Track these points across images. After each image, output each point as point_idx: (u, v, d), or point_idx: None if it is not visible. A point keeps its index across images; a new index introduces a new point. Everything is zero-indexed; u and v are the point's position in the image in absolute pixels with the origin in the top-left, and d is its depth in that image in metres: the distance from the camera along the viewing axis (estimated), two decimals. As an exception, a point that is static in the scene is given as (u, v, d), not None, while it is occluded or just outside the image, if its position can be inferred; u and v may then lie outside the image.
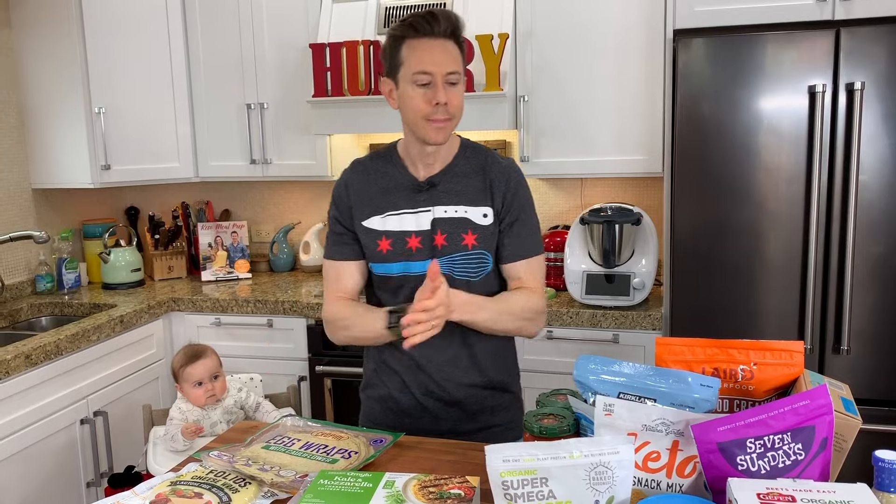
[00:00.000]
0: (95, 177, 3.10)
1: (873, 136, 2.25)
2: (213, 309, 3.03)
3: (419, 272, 1.65)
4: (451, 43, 1.60)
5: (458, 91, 1.61)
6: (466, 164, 1.70)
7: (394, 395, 1.74)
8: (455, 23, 1.60)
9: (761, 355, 1.23)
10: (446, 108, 1.58)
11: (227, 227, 3.49)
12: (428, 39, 1.58)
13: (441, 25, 1.58)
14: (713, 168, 2.39)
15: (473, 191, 1.68)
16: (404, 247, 1.66)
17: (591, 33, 2.78)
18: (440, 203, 1.67)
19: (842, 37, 2.23)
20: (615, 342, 2.63)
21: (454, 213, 1.67)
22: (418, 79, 1.57)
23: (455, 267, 1.66)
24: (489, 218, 1.67)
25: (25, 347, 2.39)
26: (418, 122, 1.60)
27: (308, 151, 3.18)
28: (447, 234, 1.65)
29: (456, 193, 1.68)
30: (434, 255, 1.65)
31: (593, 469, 1.03)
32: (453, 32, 1.60)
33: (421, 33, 1.57)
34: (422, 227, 1.66)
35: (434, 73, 1.56)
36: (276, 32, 3.14)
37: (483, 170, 1.70)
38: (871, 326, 2.33)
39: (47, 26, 3.05)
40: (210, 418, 2.23)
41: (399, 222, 1.68)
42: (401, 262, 1.67)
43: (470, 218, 1.66)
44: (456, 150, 1.72)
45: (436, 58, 1.57)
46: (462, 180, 1.69)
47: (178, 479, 1.33)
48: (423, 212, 1.67)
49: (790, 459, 1.04)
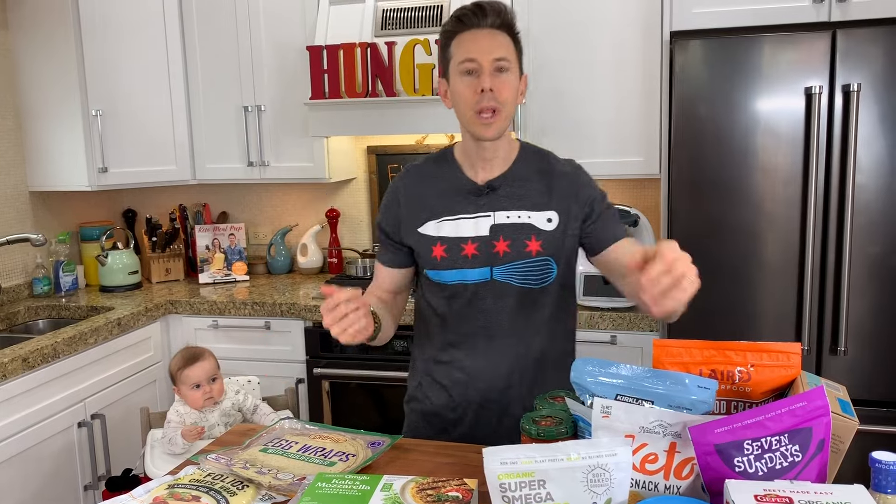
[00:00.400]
0: (92, 179, 3.10)
1: (870, 138, 2.25)
2: (211, 311, 3.03)
3: (475, 280, 1.60)
4: (501, 33, 1.54)
5: (508, 80, 1.52)
6: (528, 167, 1.63)
7: (440, 411, 1.69)
8: (504, 14, 1.54)
9: (758, 357, 1.22)
10: (493, 95, 1.50)
11: (225, 230, 3.48)
12: (475, 30, 1.52)
13: (489, 17, 1.52)
14: (710, 169, 2.40)
15: (536, 195, 1.60)
16: (459, 254, 1.60)
17: (589, 34, 2.79)
18: (501, 208, 1.60)
19: (838, 38, 2.24)
20: (613, 343, 2.63)
21: (517, 218, 1.59)
22: (464, 67, 1.52)
23: (516, 275, 1.60)
24: (553, 223, 1.59)
25: (22, 350, 2.38)
26: (468, 116, 1.54)
27: (305, 154, 3.18)
28: (510, 240, 1.58)
29: (518, 198, 1.60)
30: (494, 262, 1.59)
31: (591, 471, 1.03)
32: (502, 25, 1.54)
33: (468, 25, 1.53)
34: (480, 232, 1.60)
35: (479, 59, 1.50)
36: (274, 35, 3.14)
37: (545, 173, 1.63)
38: (868, 327, 2.33)
39: (44, 28, 3.05)
40: (207, 421, 2.23)
41: (455, 228, 1.61)
42: (455, 269, 1.61)
43: (534, 223, 1.59)
44: (516, 153, 1.65)
45: (481, 45, 1.51)
46: (524, 184, 1.61)
47: (175, 483, 1.33)
48: (483, 217, 1.60)
49: (787, 461, 1.04)
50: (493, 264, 1.59)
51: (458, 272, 1.61)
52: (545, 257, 1.59)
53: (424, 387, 1.73)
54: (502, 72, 1.51)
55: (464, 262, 1.60)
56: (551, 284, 1.62)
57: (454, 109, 1.59)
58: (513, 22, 1.56)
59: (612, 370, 1.22)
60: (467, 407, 1.67)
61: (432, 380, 1.71)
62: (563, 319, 1.70)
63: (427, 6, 2.91)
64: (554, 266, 1.61)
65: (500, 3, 1.55)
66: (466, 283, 1.61)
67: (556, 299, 1.64)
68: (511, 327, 1.62)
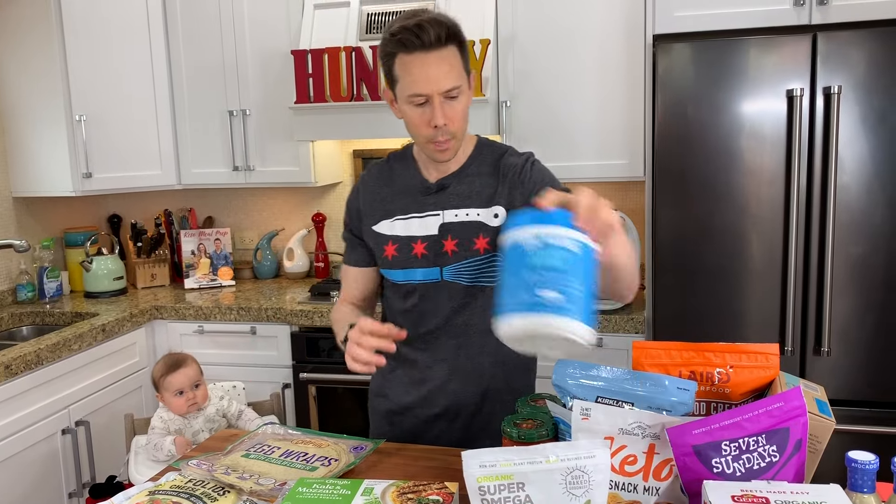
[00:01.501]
0: (77, 185, 3.08)
1: (851, 139, 2.27)
2: (196, 317, 3.02)
3: (424, 280, 1.59)
4: (447, 49, 1.45)
5: (459, 105, 1.48)
6: (481, 164, 1.61)
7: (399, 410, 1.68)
8: (447, 28, 1.45)
9: (737, 358, 1.23)
10: (446, 129, 1.47)
11: (211, 235, 3.47)
12: (419, 54, 1.43)
13: (431, 35, 1.42)
14: (694, 172, 2.41)
15: (485, 190, 1.58)
16: (409, 253, 1.59)
17: (573, 39, 2.80)
18: (451, 206, 1.58)
19: (819, 41, 2.25)
20: (598, 346, 2.64)
21: (465, 216, 1.57)
22: (415, 100, 1.46)
23: (466, 274, 1.58)
24: (500, 218, 1.56)
25: (5, 357, 2.37)
26: (421, 142, 1.53)
27: (291, 158, 3.18)
28: (458, 239, 1.56)
29: (467, 196, 1.58)
30: (443, 262, 1.57)
31: (570, 473, 1.03)
32: (447, 38, 1.44)
33: (410, 49, 1.43)
34: (429, 231, 1.58)
35: (429, 93, 1.44)
36: (259, 39, 3.14)
37: (496, 167, 1.59)
38: (851, 328, 2.35)
39: (28, 33, 3.03)
40: (192, 427, 2.22)
41: (406, 227, 1.60)
42: (405, 269, 1.60)
43: (482, 220, 1.56)
44: (471, 149, 1.63)
45: (430, 75, 1.43)
46: (475, 180, 1.59)
47: (156, 489, 1.32)
48: (432, 216, 1.59)
49: (765, 461, 1.04)
50: (442, 264, 1.58)
51: (407, 272, 1.60)
52: (494, 254, 1.56)
53: (386, 385, 1.72)
54: (454, 98, 1.47)
55: (413, 262, 1.59)
56: None
57: (406, 126, 1.55)
58: (457, 30, 1.47)
59: (592, 372, 1.22)
60: (424, 407, 1.66)
61: (393, 378, 1.70)
62: None
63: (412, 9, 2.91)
64: None
65: (439, 15, 1.47)
66: (415, 283, 1.60)
67: None
68: (466, 327, 1.60)
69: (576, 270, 1.03)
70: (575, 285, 1.01)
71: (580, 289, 1.01)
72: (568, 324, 1.00)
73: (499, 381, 1.65)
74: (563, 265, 1.02)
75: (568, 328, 1.00)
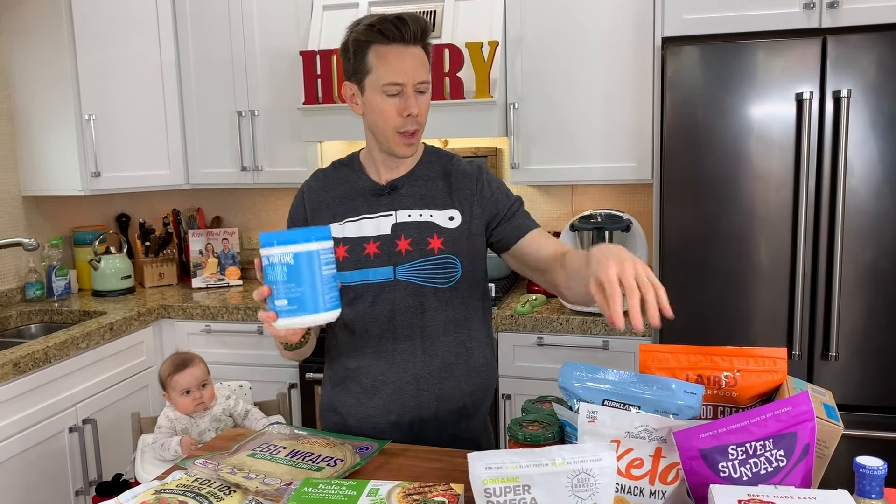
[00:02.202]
0: (86, 184, 3.09)
1: (860, 143, 2.26)
2: (204, 316, 3.03)
3: (378, 279, 1.59)
4: (420, 49, 1.53)
5: (426, 100, 1.56)
6: (431, 168, 1.65)
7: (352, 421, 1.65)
8: (424, 27, 1.53)
9: (745, 362, 1.23)
10: (416, 118, 1.53)
11: (218, 234, 3.48)
12: (398, 46, 1.51)
13: (411, 30, 1.50)
14: (702, 174, 2.40)
15: (438, 194, 1.61)
16: (361, 253, 1.59)
17: (581, 41, 2.80)
18: (403, 207, 1.60)
19: (829, 45, 2.25)
20: (605, 349, 2.63)
21: (419, 216, 1.59)
22: (389, 89, 1.51)
23: (420, 274, 1.58)
24: (456, 221, 1.60)
25: (14, 355, 2.38)
26: (388, 134, 1.55)
27: (299, 158, 3.18)
28: (412, 238, 1.58)
29: (420, 197, 1.61)
30: (397, 261, 1.58)
31: (575, 476, 1.03)
32: (422, 37, 1.53)
33: (390, 39, 1.50)
34: (381, 231, 1.59)
35: (405, 83, 1.50)
36: (267, 40, 3.14)
37: (447, 173, 1.64)
38: (859, 332, 2.34)
39: (38, 33, 3.05)
40: (198, 426, 2.23)
41: (357, 228, 1.60)
42: (358, 269, 1.59)
43: (436, 221, 1.59)
44: (420, 154, 1.67)
45: (406, 66, 1.50)
46: (426, 183, 1.62)
47: (162, 487, 1.32)
48: (384, 216, 1.60)
49: (772, 466, 1.04)
50: (395, 263, 1.58)
51: (360, 272, 1.59)
52: (447, 254, 1.58)
53: (337, 399, 1.68)
54: (423, 94, 1.54)
55: (366, 262, 1.58)
56: (458, 283, 1.60)
57: (365, 118, 1.58)
58: (429, 36, 1.56)
59: (599, 375, 1.22)
60: (380, 416, 1.63)
61: (344, 390, 1.67)
62: (473, 321, 1.65)
63: (420, 12, 2.92)
64: (458, 264, 1.59)
65: (418, 14, 1.55)
66: (369, 283, 1.59)
67: (464, 300, 1.62)
68: (417, 328, 1.59)
69: (295, 276, 1.28)
70: (296, 289, 1.28)
71: (300, 290, 1.28)
72: (302, 319, 1.28)
73: (455, 383, 1.63)
74: (283, 276, 1.28)
75: (302, 322, 1.29)
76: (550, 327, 2.67)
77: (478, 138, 3.18)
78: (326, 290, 1.30)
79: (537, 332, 2.69)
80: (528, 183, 2.97)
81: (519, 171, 2.92)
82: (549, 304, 2.86)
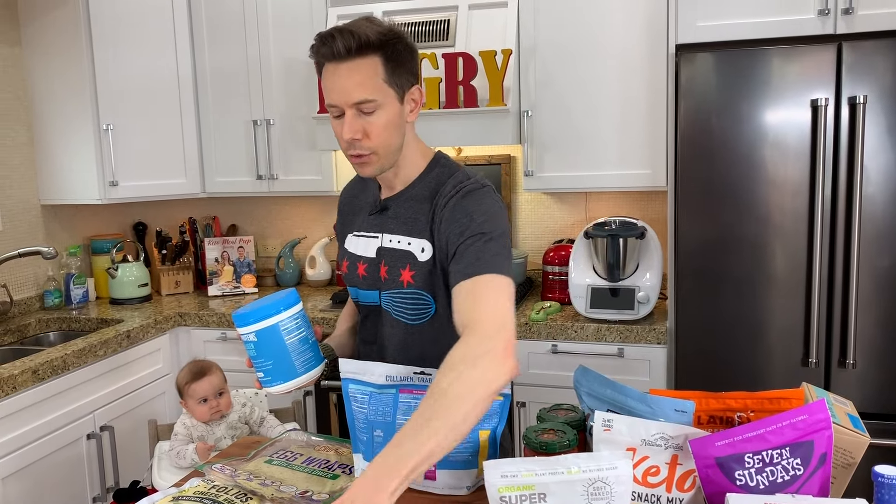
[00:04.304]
0: (103, 193, 3.13)
1: (876, 150, 2.25)
2: (220, 324, 3.04)
3: (367, 302, 1.54)
4: (362, 61, 1.33)
5: (376, 120, 1.35)
6: (423, 189, 1.47)
7: None
8: (360, 36, 1.31)
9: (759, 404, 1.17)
10: (360, 143, 1.36)
11: (234, 242, 3.51)
12: (332, 64, 1.34)
13: (339, 44, 1.31)
14: (717, 182, 2.40)
15: (420, 220, 1.45)
16: (354, 272, 1.54)
17: (595, 48, 2.80)
18: (388, 230, 1.49)
19: (844, 51, 2.24)
20: (620, 356, 2.63)
21: (397, 243, 1.46)
22: (332, 111, 1.38)
23: (395, 306, 1.48)
24: (427, 254, 1.42)
25: (33, 363, 2.40)
26: (345, 155, 1.42)
27: (314, 167, 3.20)
28: (388, 266, 1.47)
29: (403, 221, 1.46)
30: (380, 286, 1.49)
31: (591, 484, 1.03)
32: (360, 48, 1.32)
33: (324, 58, 1.35)
34: (368, 253, 1.51)
35: (339, 104, 1.35)
36: (283, 49, 3.17)
37: (434, 196, 1.44)
38: (877, 340, 2.32)
39: (56, 44, 3.09)
40: (214, 434, 2.24)
41: (356, 245, 1.55)
42: (352, 287, 1.57)
43: (412, 251, 1.44)
44: (422, 169, 1.49)
45: (339, 86, 1.33)
46: (414, 206, 1.46)
47: (180, 494, 1.33)
48: (372, 237, 1.51)
49: (789, 474, 1.04)
50: (380, 289, 1.49)
51: (354, 290, 1.57)
52: (417, 290, 1.44)
53: None
54: (368, 114, 1.35)
55: (357, 282, 1.54)
56: (431, 321, 1.46)
57: None
58: (374, 40, 1.33)
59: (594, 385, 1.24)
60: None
61: None
62: None
63: (434, 20, 2.93)
64: (431, 300, 1.44)
65: (358, 24, 1.34)
66: (360, 303, 1.57)
67: (440, 339, 1.44)
68: (401, 355, 1.50)
69: (262, 351, 1.37)
70: (266, 362, 1.38)
71: (270, 363, 1.38)
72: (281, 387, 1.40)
73: None
74: (254, 352, 1.39)
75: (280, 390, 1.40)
76: (565, 335, 2.67)
77: (491, 146, 3.19)
78: (297, 355, 1.39)
79: (552, 340, 2.69)
80: (541, 190, 2.97)
81: (533, 178, 2.92)
82: (564, 311, 2.86)
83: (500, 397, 1.37)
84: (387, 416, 1.36)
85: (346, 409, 1.40)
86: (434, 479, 1.37)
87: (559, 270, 2.96)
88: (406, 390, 1.37)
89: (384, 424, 1.36)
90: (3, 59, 3.10)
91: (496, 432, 1.37)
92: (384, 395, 1.38)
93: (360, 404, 1.38)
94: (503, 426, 1.37)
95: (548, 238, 3.30)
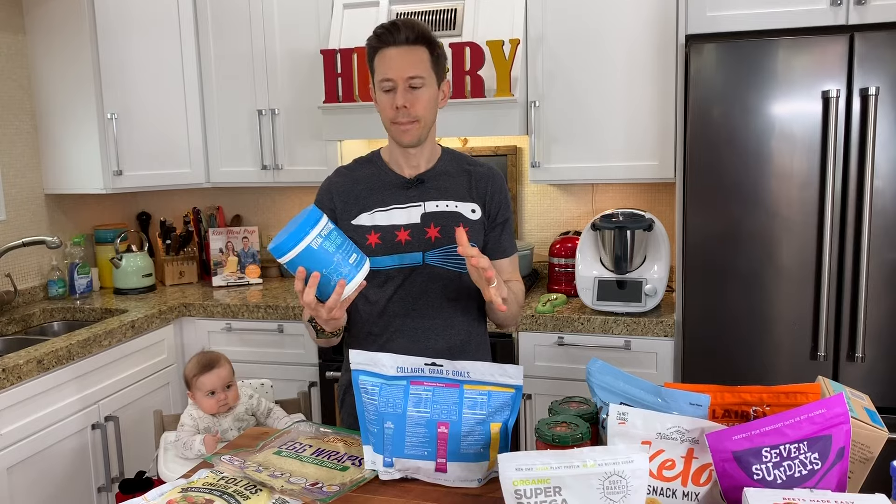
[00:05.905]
0: (107, 182, 3.11)
1: (888, 142, 2.23)
2: (224, 314, 3.03)
3: (409, 264, 1.74)
4: (418, 48, 1.67)
5: (422, 94, 1.68)
6: (450, 166, 1.81)
7: None
8: (418, 30, 1.67)
9: (775, 398, 1.16)
10: (408, 111, 1.67)
11: (238, 233, 3.49)
12: (391, 48, 1.66)
13: (402, 34, 1.65)
14: (725, 174, 2.38)
15: (460, 188, 1.78)
16: (393, 240, 1.73)
17: (603, 39, 2.78)
18: (431, 198, 1.76)
19: (856, 42, 2.22)
20: (627, 349, 2.62)
21: (446, 206, 1.75)
22: (383, 85, 1.68)
23: (448, 259, 1.74)
24: (477, 213, 1.77)
25: (37, 352, 2.40)
26: (388, 125, 1.72)
27: (319, 157, 3.18)
28: (441, 226, 1.73)
29: (445, 189, 1.77)
30: (427, 247, 1.73)
31: (607, 478, 1.02)
32: (416, 39, 1.67)
33: (385, 43, 1.67)
34: (412, 220, 1.74)
35: (395, 78, 1.65)
36: (288, 38, 3.15)
37: (466, 171, 1.81)
38: (886, 334, 2.31)
39: (61, 32, 3.07)
40: (221, 425, 2.23)
41: (388, 217, 1.74)
42: (390, 254, 1.73)
43: (461, 212, 1.76)
44: (439, 154, 1.83)
45: (396, 64, 1.66)
46: (449, 178, 1.79)
47: (189, 486, 1.33)
48: (414, 206, 1.75)
49: (807, 469, 1.03)
50: (425, 249, 1.73)
51: (392, 257, 1.74)
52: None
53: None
54: (416, 89, 1.67)
55: (398, 248, 1.73)
56: None
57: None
58: (427, 35, 1.69)
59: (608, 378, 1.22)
60: None
61: None
62: (480, 308, 1.84)
63: (441, 9, 2.91)
64: None
65: (414, 20, 1.70)
66: (402, 267, 1.74)
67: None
68: (439, 309, 1.75)
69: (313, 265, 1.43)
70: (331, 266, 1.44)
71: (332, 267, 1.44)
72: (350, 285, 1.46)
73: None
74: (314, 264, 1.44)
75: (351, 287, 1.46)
76: (571, 327, 2.66)
77: (498, 137, 3.17)
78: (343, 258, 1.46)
79: (558, 332, 2.68)
80: (548, 182, 2.95)
81: (539, 169, 2.91)
82: (570, 303, 2.85)
83: (511, 389, 1.36)
84: (397, 408, 1.35)
85: (356, 401, 1.39)
86: (445, 472, 1.36)
87: (565, 262, 2.95)
88: (417, 382, 1.37)
89: (395, 416, 1.35)
90: (7, 47, 3.08)
91: (507, 425, 1.36)
92: (394, 386, 1.37)
93: (371, 396, 1.37)
94: (514, 419, 1.37)
95: (553, 230, 3.29)
